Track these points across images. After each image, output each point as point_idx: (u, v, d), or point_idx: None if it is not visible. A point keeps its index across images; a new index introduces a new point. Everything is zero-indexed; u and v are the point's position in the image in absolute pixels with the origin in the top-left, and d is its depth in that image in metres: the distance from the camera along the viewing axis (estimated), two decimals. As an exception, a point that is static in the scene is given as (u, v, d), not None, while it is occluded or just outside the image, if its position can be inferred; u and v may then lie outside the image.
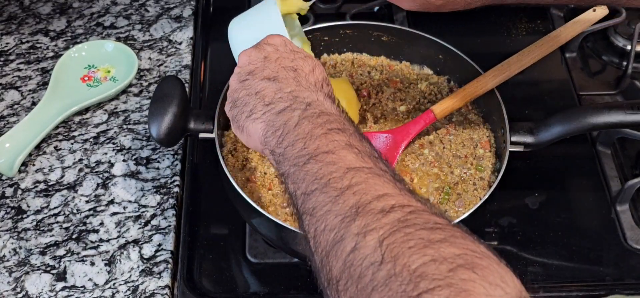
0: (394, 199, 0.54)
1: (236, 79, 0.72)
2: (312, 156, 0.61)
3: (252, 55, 0.72)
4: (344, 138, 0.61)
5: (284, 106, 0.66)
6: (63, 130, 1.00)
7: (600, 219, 0.93)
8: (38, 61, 1.10)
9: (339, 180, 0.57)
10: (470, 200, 0.86)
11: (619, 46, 1.15)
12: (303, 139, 0.63)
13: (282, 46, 0.73)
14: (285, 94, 0.67)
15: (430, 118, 0.91)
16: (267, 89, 0.69)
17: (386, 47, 1.03)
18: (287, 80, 0.69)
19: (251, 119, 0.68)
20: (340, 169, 0.58)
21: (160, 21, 1.17)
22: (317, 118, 0.64)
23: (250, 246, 0.90)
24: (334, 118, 0.64)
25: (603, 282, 0.87)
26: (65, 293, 0.83)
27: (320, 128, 0.63)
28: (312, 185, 0.59)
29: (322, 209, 0.57)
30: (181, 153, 0.98)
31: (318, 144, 0.61)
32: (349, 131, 0.63)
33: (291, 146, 0.63)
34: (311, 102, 0.66)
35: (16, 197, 0.93)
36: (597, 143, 1.01)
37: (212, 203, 0.95)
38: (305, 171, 0.60)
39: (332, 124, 0.63)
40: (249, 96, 0.69)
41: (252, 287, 0.87)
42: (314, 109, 0.65)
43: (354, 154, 0.60)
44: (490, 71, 0.93)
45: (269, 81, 0.69)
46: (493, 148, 0.92)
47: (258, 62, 0.71)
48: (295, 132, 0.64)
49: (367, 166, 0.59)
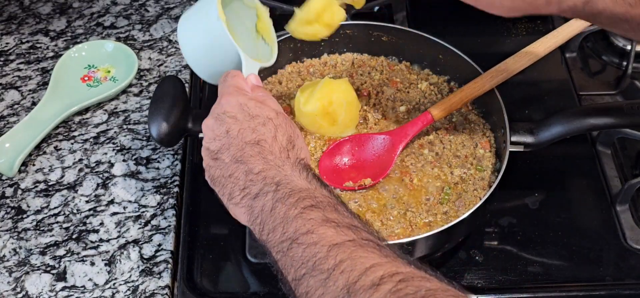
0: (382, 269, 0.55)
1: (208, 155, 0.73)
2: (293, 240, 0.61)
3: (215, 129, 0.73)
4: (319, 214, 0.62)
5: (257, 190, 0.67)
6: (63, 130, 1.00)
7: (600, 219, 0.93)
8: (38, 61, 1.10)
9: (324, 261, 0.58)
10: (470, 200, 0.86)
11: (619, 46, 1.15)
12: (281, 223, 0.63)
13: (240, 112, 0.73)
14: (255, 176, 0.68)
15: (428, 119, 0.91)
16: (238, 171, 0.70)
17: (386, 47, 1.03)
18: (254, 158, 0.69)
19: (232, 203, 0.70)
20: (324, 248, 0.58)
21: (160, 21, 1.17)
22: (289, 197, 0.64)
23: (250, 246, 0.90)
24: (305, 194, 0.64)
25: (603, 282, 0.87)
26: (65, 293, 0.83)
27: (294, 208, 0.63)
28: (301, 270, 0.59)
29: (315, 293, 0.57)
30: (181, 153, 0.98)
31: (296, 227, 0.62)
32: (323, 204, 0.63)
33: (272, 232, 0.64)
34: (280, 181, 0.66)
35: (16, 197, 0.92)
36: (597, 143, 1.01)
37: (212, 203, 0.94)
38: (291, 256, 0.61)
39: (304, 201, 0.63)
40: (224, 178, 0.71)
41: (252, 287, 0.87)
42: (284, 188, 0.66)
43: (333, 229, 0.60)
44: (488, 71, 0.93)
45: (237, 162, 0.70)
46: (493, 148, 0.92)
47: (222, 138, 0.72)
48: (272, 217, 0.64)
49: (348, 238, 0.59)
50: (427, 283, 0.53)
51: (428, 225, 0.84)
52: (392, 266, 0.55)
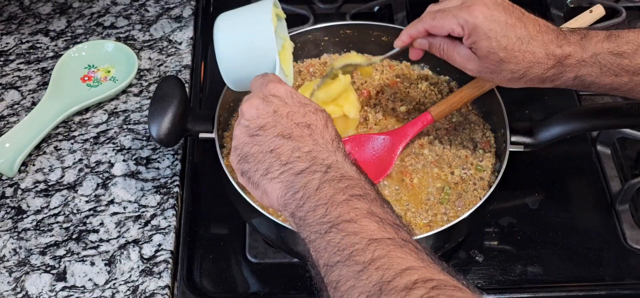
0: (417, 273, 0.54)
1: (245, 133, 0.69)
2: (334, 224, 0.59)
3: (260, 108, 0.69)
4: (365, 205, 0.60)
5: (303, 167, 0.65)
6: (63, 130, 1.00)
7: (600, 219, 0.94)
8: (38, 61, 1.10)
9: (361, 253, 0.56)
10: (471, 200, 0.86)
11: (619, 45, 1.14)
12: (324, 205, 0.61)
13: (289, 97, 0.70)
14: (303, 154, 0.66)
15: (428, 119, 0.91)
16: (283, 147, 0.66)
17: (386, 47, 1.03)
18: (303, 138, 0.67)
19: (267, 179, 0.66)
20: (363, 240, 0.57)
21: (160, 21, 1.17)
22: (339, 182, 0.63)
23: (250, 246, 0.90)
24: (355, 183, 0.63)
25: (603, 282, 0.87)
26: (65, 293, 0.83)
27: (342, 194, 0.61)
28: (335, 256, 0.58)
29: (346, 284, 0.56)
30: (181, 153, 0.98)
31: (340, 212, 0.60)
32: (370, 197, 0.62)
33: (312, 211, 0.62)
34: (331, 165, 0.65)
35: (16, 197, 0.92)
36: (597, 143, 1.01)
37: (212, 203, 0.95)
38: (327, 240, 0.59)
39: (353, 189, 0.62)
40: (263, 154, 0.67)
41: (252, 287, 0.87)
42: (335, 172, 0.64)
43: (376, 224, 0.59)
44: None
45: (283, 138, 0.67)
46: (493, 148, 0.92)
47: (268, 116, 0.69)
48: (316, 197, 0.62)
49: (389, 236, 0.58)
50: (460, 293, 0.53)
51: (428, 225, 0.84)
52: (427, 272, 0.54)
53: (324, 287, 0.59)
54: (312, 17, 1.17)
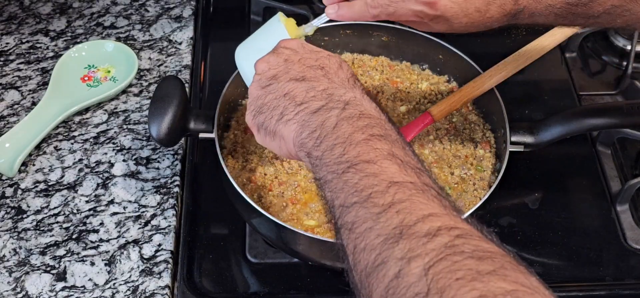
0: (439, 220, 0.51)
1: (257, 86, 0.68)
2: (352, 164, 0.57)
3: (271, 60, 0.68)
4: (386, 146, 0.57)
5: (320, 105, 0.62)
6: (63, 130, 1.00)
7: (600, 219, 0.93)
8: (38, 61, 1.10)
9: (381, 195, 0.53)
10: (470, 200, 0.86)
11: (619, 46, 1.15)
12: (342, 143, 0.58)
13: (300, 48, 0.69)
14: (319, 93, 0.63)
15: (428, 120, 0.91)
16: (297, 89, 0.64)
17: (386, 47, 1.03)
18: (317, 78, 0.65)
19: (283, 122, 0.64)
20: (383, 182, 0.54)
21: (160, 21, 1.17)
22: (358, 120, 0.60)
23: (250, 246, 0.90)
24: (375, 122, 0.60)
25: (603, 282, 0.87)
26: (65, 293, 0.83)
27: (361, 132, 0.59)
28: (352, 197, 0.55)
29: (363, 226, 0.53)
30: (181, 153, 0.98)
31: (359, 151, 0.57)
32: (392, 138, 0.59)
33: (329, 150, 0.59)
34: (349, 101, 0.62)
35: (16, 197, 0.92)
36: (597, 143, 1.01)
37: (212, 203, 0.95)
38: (344, 180, 0.56)
39: (373, 128, 0.59)
40: (277, 99, 0.65)
41: (252, 287, 0.87)
42: (353, 109, 0.61)
43: (397, 166, 0.56)
44: (487, 71, 0.93)
45: (297, 81, 0.65)
46: (493, 148, 0.92)
47: (279, 66, 0.67)
48: (334, 135, 0.59)
49: (410, 180, 0.55)
50: (485, 243, 0.49)
51: (428, 225, 0.84)
52: (451, 220, 0.51)
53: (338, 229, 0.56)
54: (312, 17, 1.17)
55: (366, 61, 1.04)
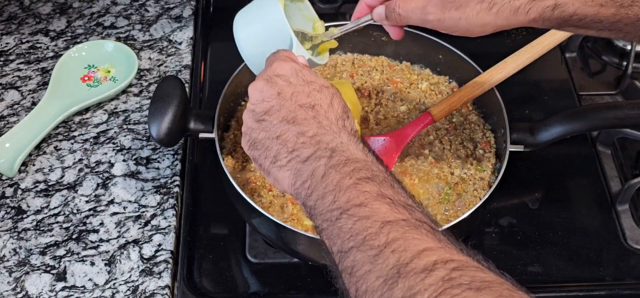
0: (435, 254, 0.52)
1: (251, 118, 0.69)
2: (344, 210, 0.58)
3: (265, 91, 0.68)
4: (374, 187, 0.59)
5: (309, 154, 0.64)
6: (63, 130, 1.00)
7: (600, 219, 0.93)
8: (38, 61, 1.10)
9: (375, 237, 0.54)
10: (470, 200, 0.86)
11: (619, 46, 1.15)
12: (332, 191, 0.60)
13: (293, 76, 0.69)
14: (308, 139, 0.65)
15: (429, 120, 0.91)
16: (288, 133, 0.66)
17: (386, 47, 1.03)
18: (307, 121, 0.66)
19: (276, 167, 0.66)
20: (376, 224, 0.55)
21: (160, 21, 1.17)
22: (344, 166, 0.61)
23: (250, 246, 0.90)
24: (361, 165, 0.61)
25: (603, 282, 0.87)
26: (65, 293, 0.83)
27: (349, 178, 0.60)
28: (348, 242, 0.56)
29: (362, 269, 0.54)
30: (181, 153, 0.98)
31: (349, 196, 0.58)
32: (379, 178, 0.60)
33: (321, 199, 0.60)
34: (335, 148, 0.63)
35: (16, 197, 0.92)
36: (597, 143, 1.01)
37: (212, 203, 0.95)
38: (339, 227, 0.58)
39: (360, 172, 0.60)
40: (270, 140, 0.67)
41: (252, 287, 0.87)
42: (340, 156, 0.62)
43: (388, 206, 0.57)
44: (487, 71, 0.93)
45: (288, 123, 0.66)
46: (493, 148, 0.92)
47: (272, 99, 0.67)
48: (323, 184, 0.61)
49: (402, 217, 0.56)
50: (482, 273, 0.50)
51: (428, 225, 0.84)
52: (446, 252, 0.52)
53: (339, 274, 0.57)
54: (313, 17, 1.17)
55: (366, 61, 1.04)
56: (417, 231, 0.55)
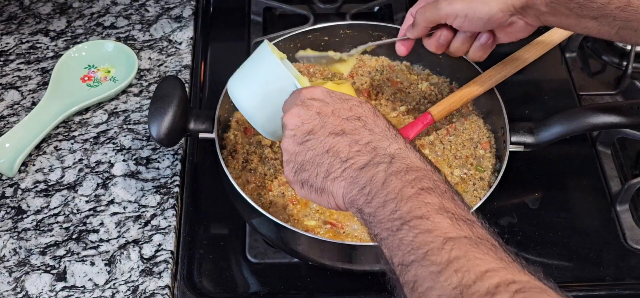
0: (498, 275, 0.51)
1: (293, 142, 0.66)
2: (405, 221, 0.57)
3: (302, 115, 0.66)
4: (436, 199, 0.58)
5: (366, 160, 0.62)
6: (63, 130, 1.00)
7: (600, 219, 0.93)
8: (38, 61, 1.10)
9: (437, 252, 0.54)
10: (470, 200, 0.86)
11: (619, 45, 1.15)
12: (393, 199, 0.58)
13: (327, 97, 0.67)
14: (363, 146, 0.63)
15: (429, 120, 0.91)
16: (339, 144, 0.63)
17: (386, 47, 1.03)
18: (358, 131, 0.64)
19: (330, 179, 0.63)
20: (438, 239, 0.55)
21: (160, 21, 1.17)
22: (405, 174, 0.60)
23: (250, 246, 0.90)
24: (422, 174, 0.60)
25: (603, 282, 0.87)
26: (65, 293, 0.83)
27: (410, 187, 0.58)
28: (409, 255, 0.56)
29: (424, 284, 0.54)
30: (181, 153, 0.98)
31: (410, 207, 0.57)
32: (441, 190, 0.59)
33: (381, 206, 0.59)
34: (394, 154, 0.62)
35: (16, 197, 0.92)
36: (597, 143, 1.01)
37: (212, 203, 0.95)
38: (400, 238, 0.57)
39: (422, 181, 0.59)
40: (320, 156, 0.64)
41: (252, 287, 0.87)
42: (400, 163, 0.61)
43: (449, 220, 0.56)
44: (487, 71, 0.93)
45: (337, 136, 0.64)
46: (493, 149, 0.92)
47: (313, 120, 0.66)
48: (384, 191, 0.59)
49: (464, 234, 0.55)
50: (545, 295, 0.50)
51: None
52: (508, 273, 0.52)
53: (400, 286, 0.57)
54: (312, 17, 1.17)
55: (367, 61, 1.04)
56: (479, 250, 0.54)
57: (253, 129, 0.94)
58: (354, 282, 0.86)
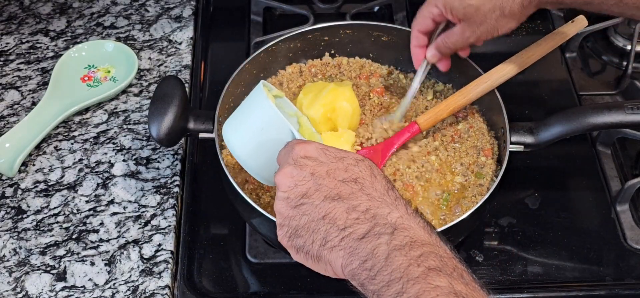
0: None
1: (286, 205, 0.63)
2: None
3: (295, 175, 0.63)
4: (446, 282, 0.54)
5: (366, 230, 0.58)
6: (63, 130, 1.00)
7: (600, 219, 0.93)
8: (38, 61, 1.10)
9: None
10: (468, 205, 0.86)
11: (619, 46, 1.15)
12: (399, 279, 0.55)
13: (322, 155, 0.63)
14: (361, 214, 0.59)
15: (415, 129, 0.90)
16: (335, 210, 0.60)
17: (386, 47, 1.03)
18: (355, 195, 0.60)
19: (327, 248, 0.60)
20: None
21: (160, 21, 1.17)
22: (410, 249, 0.56)
23: (250, 246, 0.90)
24: (428, 249, 0.57)
25: (603, 282, 0.87)
26: (65, 293, 0.83)
27: (417, 266, 0.55)
28: None
29: None
30: (181, 153, 0.98)
31: (418, 290, 0.54)
32: (449, 268, 0.56)
33: (386, 286, 0.56)
34: (396, 225, 0.58)
35: (16, 197, 0.92)
36: (597, 143, 1.01)
37: (212, 203, 0.95)
38: None
39: (428, 259, 0.56)
40: (315, 222, 0.61)
41: (252, 287, 0.87)
42: (403, 235, 0.57)
43: None
44: (474, 81, 0.92)
45: (332, 200, 0.60)
46: (495, 155, 0.92)
47: (306, 181, 0.62)
48: (388, 268, 0.56)
49: None
50: None
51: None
52: None
53: None
54: (312, 17, 1.17)
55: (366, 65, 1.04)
56: None
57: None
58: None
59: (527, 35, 1.17)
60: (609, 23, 1.13)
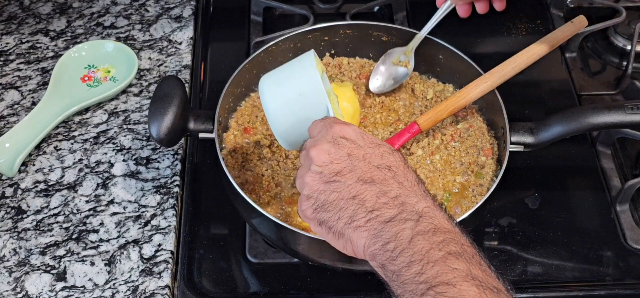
0: None
1: (318, 179, 0.65)
2: (431, 286, 0.56)
3: (332, 153, 0.65)
4: (464, 266, 0.57)
5: (392, 214, 0.61)
6: (63, 130, 1.00)
7: (600, 219, 0.93)
8: (38, 61, 1.10)
9: None
10: (468, 206, 0.86)
11: (619, 46, 1.15)
12: (419, 261, 0.57)
13: (360, 139, 0.66)
14: (391, 200, 0.62)
15: (415, 129, 0.90)
16: (366, 192, 0.62)
17: (386, 47, 1.03)
18: (387, 182, 0.63)
19: (352, 227, 0.62)
20: None
21: (160, 21, 1.17)
22: (433, 235, 0.59)
23: (250, 246, 0.90)
24: (450, 236, 0.59)
25: (603, 282, 0.87)
26: (65, 293, 0.83)
27: (438, 249, 0.58)
28: None
29: None
30: (181, 153, 0.98)
31: (437, 271, 0.56)
32: (468, 254, 0.58)
33: (406, 266, 0.58)
34: (422, 213, 0.61)
35: (16, 197, 0.92)
36: (597, 143, 1.01)
37: (212, 203, 0.95)
38: None
39: (449, 245, 0.58)
40: (345, 201, 0.63)
41: (252, 287, 0.87)
42: (427, 222, 0.60)
43: (476, 289, 0.55)
44: (473, 81, 0.92)
45: (365, 183, 0.63)
46: (495, 155, 0.92)
47: (342, 160, 0.64)
48: (410, 250, 0.58)
49: None
50: None
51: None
52: None
53: None
54: (312, 17, 1.17)
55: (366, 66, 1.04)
56: None
57: (252, 129, 0.94)
58: (354, 282, 0.86)
59: (527, 35, 1.17)
60: (609, 23, 1.13)
